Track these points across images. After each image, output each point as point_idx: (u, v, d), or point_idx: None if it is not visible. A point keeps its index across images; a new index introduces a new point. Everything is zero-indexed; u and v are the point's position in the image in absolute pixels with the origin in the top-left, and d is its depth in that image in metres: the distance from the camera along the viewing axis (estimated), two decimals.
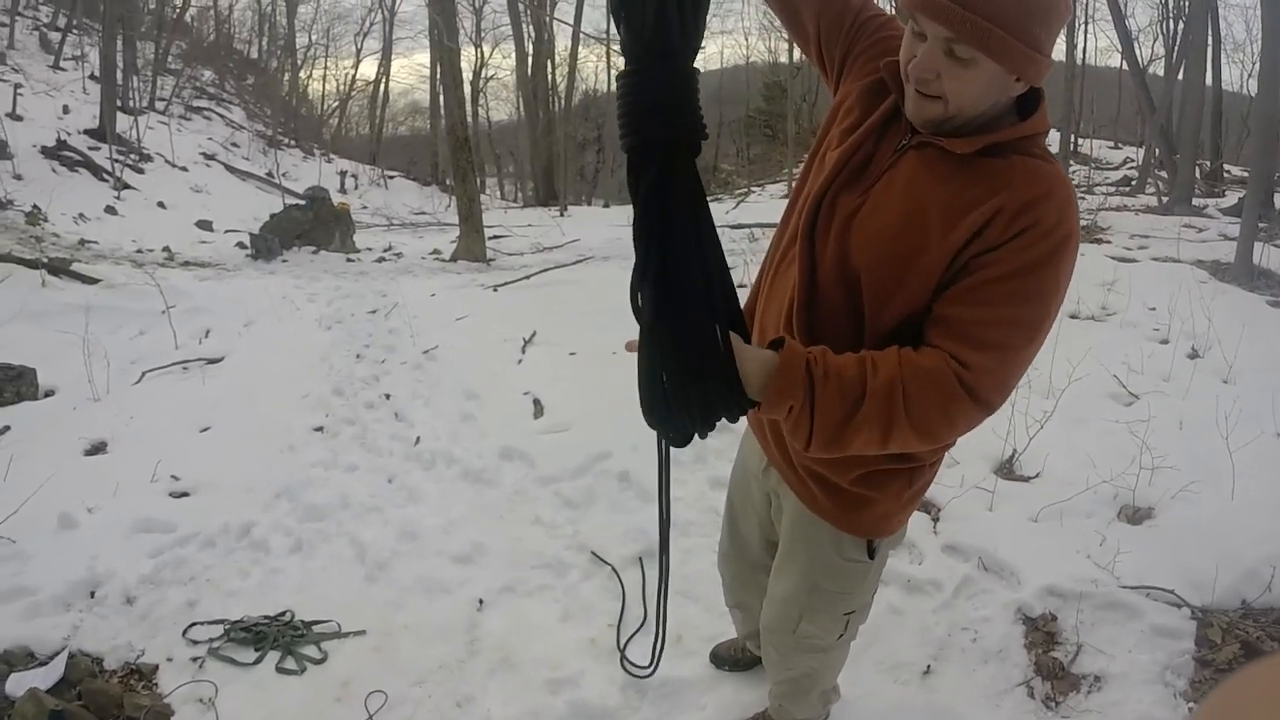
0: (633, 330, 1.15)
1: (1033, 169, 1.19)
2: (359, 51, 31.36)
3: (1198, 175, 12.36)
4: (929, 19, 1.13)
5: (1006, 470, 3.35)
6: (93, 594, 2.69)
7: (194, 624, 2.55)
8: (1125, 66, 13.99)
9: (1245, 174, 15.22)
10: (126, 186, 13.81)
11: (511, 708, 2.24)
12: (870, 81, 1.36)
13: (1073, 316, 5.02)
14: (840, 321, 1.29)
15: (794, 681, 1.81)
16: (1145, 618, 2.44)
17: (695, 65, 1.05)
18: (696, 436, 1.17)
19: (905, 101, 1.24)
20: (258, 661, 2.40)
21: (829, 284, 1.30)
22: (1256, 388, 3.86)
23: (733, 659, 2.32)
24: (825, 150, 1.40)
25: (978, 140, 1.19)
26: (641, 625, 2.51)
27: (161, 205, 13.74)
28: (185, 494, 3.39)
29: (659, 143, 1.04)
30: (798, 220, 1.37)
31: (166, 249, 9.69)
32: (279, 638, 2.47)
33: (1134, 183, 13.97)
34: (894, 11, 1.38)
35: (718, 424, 1.15)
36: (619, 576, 2.75)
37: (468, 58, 25.43)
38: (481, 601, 2.67)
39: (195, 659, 2.41)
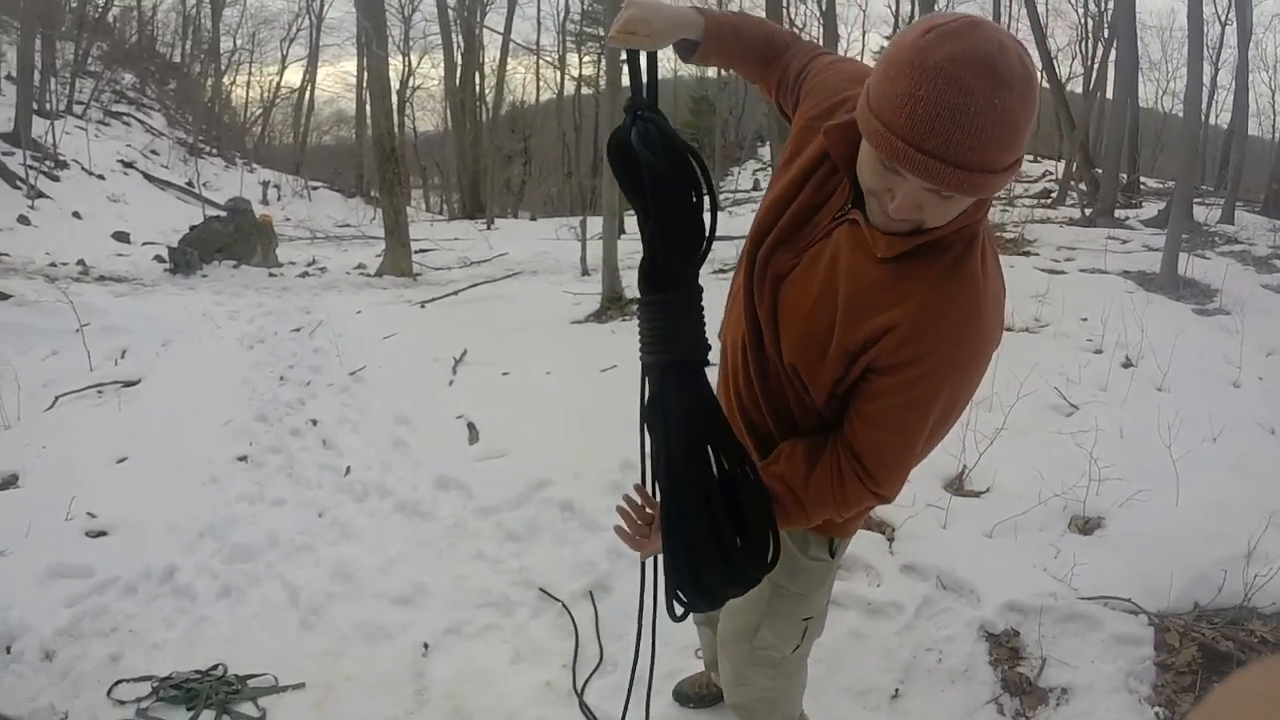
0: (560, 349, 1.15)
1: (941, 282, 1.14)
2: (284, 58, 30.51)
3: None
4: (918, 177, 1.02)
5: (957, 487, 3.35)
6: (8, 649, 2.48)
7: (119, 681, 2.35)
8: (1045, 84, 14.50)
9: (1161, 186, 15.97)
10: (41, 195, 13.06)
11: None
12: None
13: (1007, 329, 5.08)
14: (784, 369, 1.30)
15: (750, 708, 1.73)
16: (1105, 627, 2.47)
17: (700, 285, 1.28)
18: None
19: (870, 211, 1.16)
20: None
21: (769, 336, 1.30)
22: (1191, 395, 3.96)
23: (698, 695, 2.23)
24: (779, 184, 1.35)
25: (902, 243, 1.14)
26: (598, 665, 2.41)
27: (77, 215, 13.06)
28: (103, 533, 3.17)
29: (669, 365, 1.26)
30: (743, 259, 1.36)
31: (81, 262, 9.21)
32: (212, 695, 2.28)
33: (1054, 195, 14.47)
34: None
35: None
36: (570, 613, 2.64)
37: (395, 67, 25.02)
38: (426, 646, 2.52)
39: None
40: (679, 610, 1.33)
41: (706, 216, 1.26)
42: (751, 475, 1.28)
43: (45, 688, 2.36)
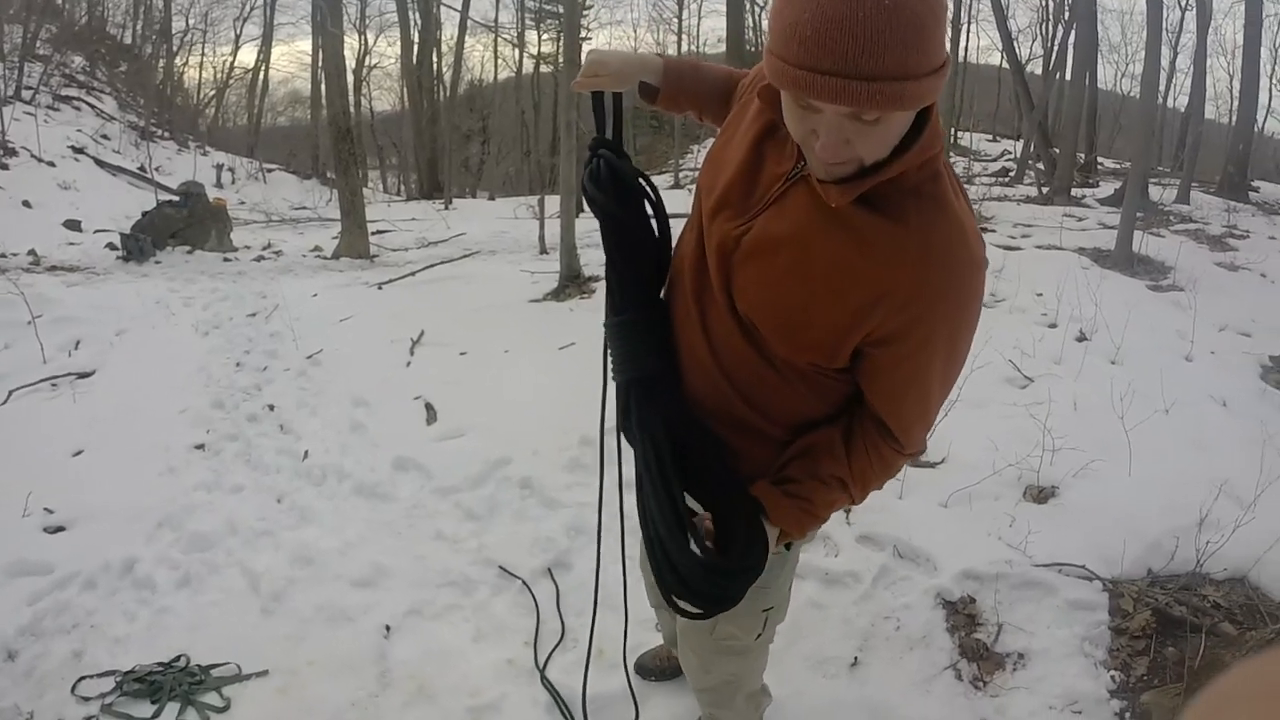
0: (518, 328, 1.18)
1: (920, 225, 1.08)
2: (238, 37, 29.63)
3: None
4: (829, 103, 0.95)
5: (913, 458, 3.39)
6: None
7: (83, 678, 2.31)
8: (1005, 65, 14.64)
9: (1118, 166, 16.23)
10: None
11: None
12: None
13: None
14: (745, 346, 1.24)
15: (715, 690, 1.75)
16: (1060, 593, 2.52)
17: (660, 303, 1.34)
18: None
19: (809, 162, 1.10)
20: (155, 716, 2.18)
21: (722, 313, 1.24)
22: (1144, 368, 4.05)
23: (659, 668, 2.25)
24: (716, 155, 1.32)
25: (852, 189, 1.07)
26: (559, 641, 2.42)
27: (27, 204, 12.61)
28: (61, 528, 3.10)
29: (631, 381, 1.31)
30: (691, 233, 1.31)
31: (32, 252, 8.93)
32: (176, 687, 2.25)
33: (1012, 174, 14.66)
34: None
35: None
36: (530, 590, 2.65)
37: (351, 45, 24.52)
38: (388, 628, 2.51)
39: (88, 718, 2.18)
40: (694, 609, 1.30)
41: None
42: (730, 477, 1.27)
43: (9, 688, 2.31)
